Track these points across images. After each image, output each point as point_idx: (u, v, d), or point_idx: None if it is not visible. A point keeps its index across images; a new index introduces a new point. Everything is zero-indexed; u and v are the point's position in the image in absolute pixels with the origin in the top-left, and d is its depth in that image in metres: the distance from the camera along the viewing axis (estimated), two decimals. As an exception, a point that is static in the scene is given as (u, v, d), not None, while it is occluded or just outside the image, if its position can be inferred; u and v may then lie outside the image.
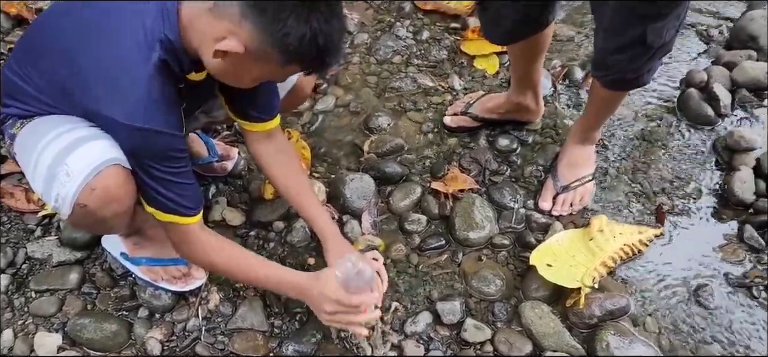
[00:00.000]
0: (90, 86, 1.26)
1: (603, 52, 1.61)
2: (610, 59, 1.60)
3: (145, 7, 1.24)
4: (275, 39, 1.17)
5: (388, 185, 1.98)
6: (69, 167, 1.26)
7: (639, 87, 1.73)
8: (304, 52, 1.20)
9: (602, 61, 1.64)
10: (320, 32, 1.18)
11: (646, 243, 1.81)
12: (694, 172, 2.03)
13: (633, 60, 1.58)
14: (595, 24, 1.63)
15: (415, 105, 2.26)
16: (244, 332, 1.63)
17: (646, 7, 1.45)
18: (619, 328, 1.61)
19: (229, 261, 1.49)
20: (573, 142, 1.94)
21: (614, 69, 1.62)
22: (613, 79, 1.67)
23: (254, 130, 1.62)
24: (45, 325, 1.64)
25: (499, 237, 1.84)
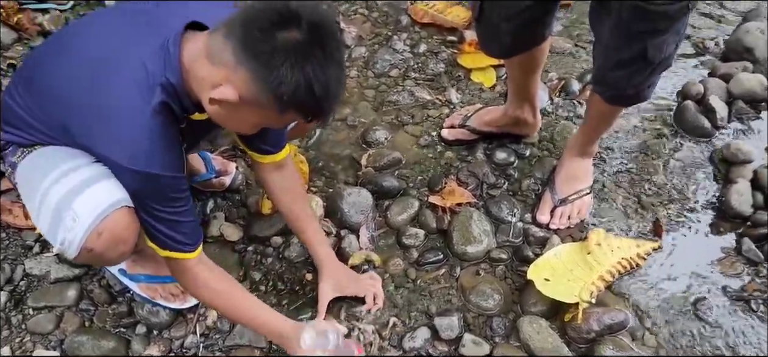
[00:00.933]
0: (91, 130, 1.25)
1: (603, 68, 1.62)
2: (610, 75, 1.61)
3: (146, 46, 1.23)
4: (269, 87, 1.14)
5: (385, 199, 1.98)
6: (75, 212, 1.25)
7: (639, 102, 1.74)
8: (300, 101, 1.16)
9: (602, 77, 1.64)
10: (316, 80, 1.14)
11: (644, 257, 1.81)
12: (691, 184, 2.04)
13: (633, 75, 1.58)
14: (595, 40, 1.64)
15: (413, 118, 2.27)
16: (241, 348, 1.63)
17: (646, 24, 1.45)
18: (618, 342, 1.61)
19: (221, 297, 1.48)
20: (570, 155, 1.95)
21: (615, 85, 1.63)
22: (613, 94, 1.67)
23: (264, 162, 1.63)
24: (43, 343, 1.63)
25: (496, 251, 1.84)
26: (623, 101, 1.71)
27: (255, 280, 1.77)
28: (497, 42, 1.77)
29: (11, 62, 2.28)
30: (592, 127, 1.87)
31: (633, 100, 1.71)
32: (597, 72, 1.66)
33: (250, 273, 1.79)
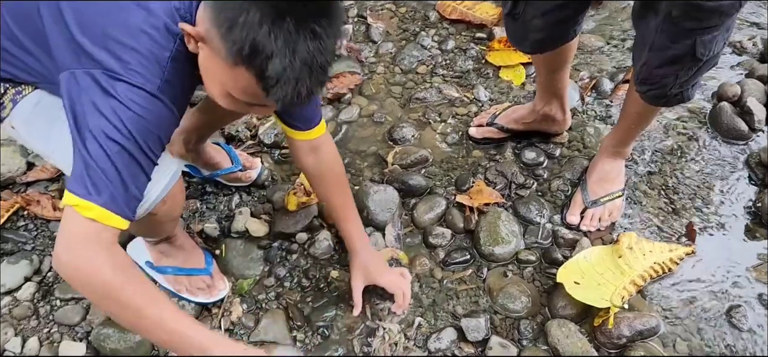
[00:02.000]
0: (108, 43, 1.13)
1: (648, 67, 1.56)
2: (655, 73, 1.55)
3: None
4: (221, 24, 1.04)
5: (412, 198, 1.96)
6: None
7: (682, 102, 1.67)
8: (252, 59, 1.03)
9: (647, 76, 1.58)
10: (275, 42, 1.01)
11: (677, 261, 1.77)
12: (726, 188, 1.99)
13: (680, 74, 1.53)
14: (637, 39, 1.59)
15: (440, 116, 2.24)
16: (266, 345, 1.62)
17: (697, 21, 1.41)
18: (649, 348, 1.58)
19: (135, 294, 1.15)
20: (604, 157, 1.91)
21: (660, 83, 1.57)
22: (657, 94, 1.62)
23: (297, 139, 1.54)
24: (70, 334, 1.64)
25: (525, 252, 1.81)
26: (667, 101, 1.65)
27: (279, 276, 1.76)
28: (528, 38, 1.74)
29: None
30: (627, 127, 1.83)
31: (677, 100, 1.65)
32: (640, 71, 1.60)
33: (275, 269, 1.78)
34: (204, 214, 1.92)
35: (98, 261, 1.10)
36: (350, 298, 1.71)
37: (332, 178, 1.63)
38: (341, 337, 1.64)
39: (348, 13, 2.71)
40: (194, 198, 1.96)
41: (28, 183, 1.96)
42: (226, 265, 1.78)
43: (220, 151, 1.95)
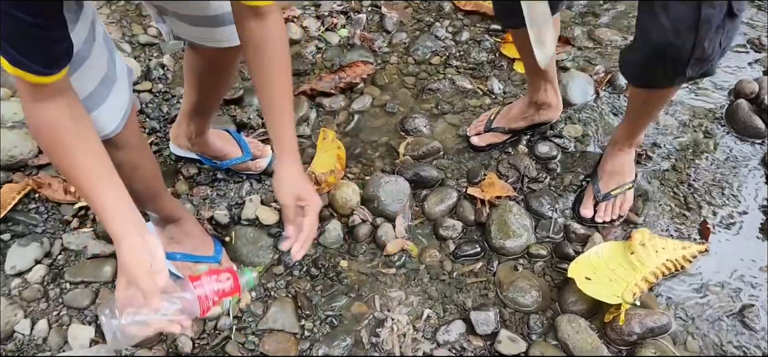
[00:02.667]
0: None
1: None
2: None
3: None
4: None
5: (423, 189, 1.95)
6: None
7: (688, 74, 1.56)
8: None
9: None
10: None
11: (690, 259, 1.75)
12: (742, 186, 1.96)
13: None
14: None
15: (453, 107, 2.23)
16: (274, 333, 1.62)
17: None
18: (660, 346, 1.56)
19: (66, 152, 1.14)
20: (614, 150, 1.88)
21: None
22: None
23: (243, 4, 1.28)
24: (79, 317, 1.64)
25: (536, 247, 1.79)
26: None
27: (289, 264, 1.76)
28: (514, 13, 1.60)
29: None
30: (632, 118, 1.80)
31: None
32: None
33: (284, 258, 1.77)
34: (214, 201, 1.91)
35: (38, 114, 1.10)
36: (360, 288, 1.71)
37: (274, 52, 1.34)
38: (349, 327, 1.63)
39: (362, 2, 2.69)
40: (204, 185, 1.95)
41: (39, 166, 1.96)
42: (235, 252, 1.77)
43: (229, 141, 1.95)
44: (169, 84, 2.30)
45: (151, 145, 2.03)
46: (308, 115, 2.18)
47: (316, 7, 2.68)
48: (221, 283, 1.24)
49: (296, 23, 2.58)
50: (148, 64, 2.35)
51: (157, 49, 2.44)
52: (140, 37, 2.46)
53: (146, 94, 2.24)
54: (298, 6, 2.67)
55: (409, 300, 1.69)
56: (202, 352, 1.59)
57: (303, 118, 2.16)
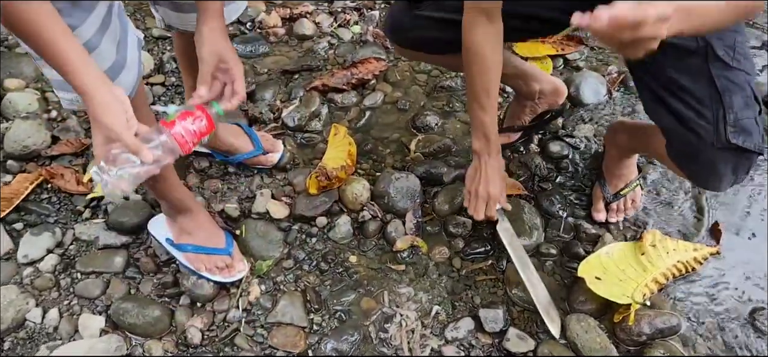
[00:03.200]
0: None
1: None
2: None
3: None
4: None
5: (433, 186, 1.95)
6: None
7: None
8: None
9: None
10: None
11: (701, 261, 1.74)
12: (755, 189, 1.95)
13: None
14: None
15: (465, 105, 2.22)
16: (283, 327, 1.62)
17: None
18: (669, 347, 1.55)
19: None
20: (614, 153, 1.86)
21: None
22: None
23: None
24: (89, 307, 1.65)
25: (546, 246, 1.79)
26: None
27: (298, 259, 1.76)
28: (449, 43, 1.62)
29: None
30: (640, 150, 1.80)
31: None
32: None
33: (294, 252, 1.78)
34: (225, 195, 1.92)
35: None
36: (369, 283, 1.71)
37: None
38: (358, 322, 1.63)
39: (375, 0, 2.70)
40: (216, 178, 1.96)
41: (52, 156, 1.98)
42: (245, 245, 1.78)
43: (241, 135, 1.95)
44: (181, 77, 2.31)
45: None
46: (320, 111, 2.19)
47: (330, 4, 2.69)
48: (195, 121, 1.28)
49: (309, 19, 2.59)
50: (161, 57, 2.36)
51: (170, 43, 2.45)
52: (153, 30, 2.48)
53: (159, 87, 2.26)
54: (312, 2, 2.68)
55: (418, 296, 1.69)
56: (211, 344, 1.59)
57: (315, 114, 2.17)
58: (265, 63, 2.42)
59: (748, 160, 1.43)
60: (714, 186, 1.52)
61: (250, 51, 2.46)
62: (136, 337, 1.60)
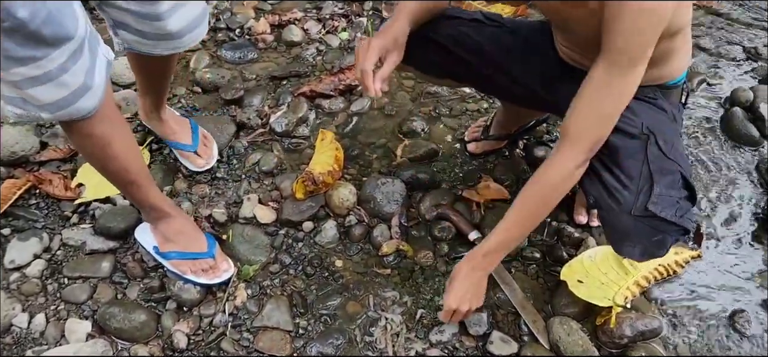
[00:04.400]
0: None
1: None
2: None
3: None
4: None
5: (419, 191, 1.97)
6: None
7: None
8: None
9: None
10: None
11: (682, 264, 1.77)
12: (736, 193, 1.98)
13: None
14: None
15: (451, 111, 2.25)
16: (269, 331, 1.63)
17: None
18: (650, 350, 1.57)
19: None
20: None
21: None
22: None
23: None
24: (76, 312, 1.66)
25: (529, 250, 1.81)
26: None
27: (285, 263, 1.78)
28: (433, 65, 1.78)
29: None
30: None
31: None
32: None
33: (280, 256, 1.79)
34: (213, 199, 1.93)
35: None
36: (354, 287, 1.73)
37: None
38: (343, 326, 1.65)
39: (363, 6, 2.72)
40: (204, 183, 1.97)
41: (40, 162, 1.98)
42: (232, 250, 1.79)
43: (185, 128, 2.00)
44: (170, 83, 2.32)
45: (148, 145, 2.05)
46: (307, 116, 2.21)
47: (318, 10, 2.70)
48: None
49: (298, 26, 2.61)
50: (149, 63, 2.37)
51: (158, 49, 2.46)
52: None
53: (147, 93, 2.27)
54: (300, 8, 2.70)
55: (403, 300, 1.70)
56: (198, 348, 1.60)
57: (302, 119, 2.19)
58: (253, 69, 2.44)
59: (664, 233, 1.43)
60: (629, 253, 1.51)
61: (238, 57, 2.48)
62: (123, 341, 1.61)
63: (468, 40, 1.68)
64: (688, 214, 1.43)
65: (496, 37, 1.70)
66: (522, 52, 1.68)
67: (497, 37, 1.70)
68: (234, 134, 2.14)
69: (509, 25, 1.73)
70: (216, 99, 2.28)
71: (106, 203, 1.88)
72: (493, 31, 1.71)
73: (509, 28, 1.72)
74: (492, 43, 1.69)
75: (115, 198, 1.89)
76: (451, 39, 1.67)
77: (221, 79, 2.33)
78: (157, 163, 2.01)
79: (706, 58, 2.50)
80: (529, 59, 1.67)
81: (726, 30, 2.63)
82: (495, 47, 1.69)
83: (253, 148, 2.10)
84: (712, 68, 2.45)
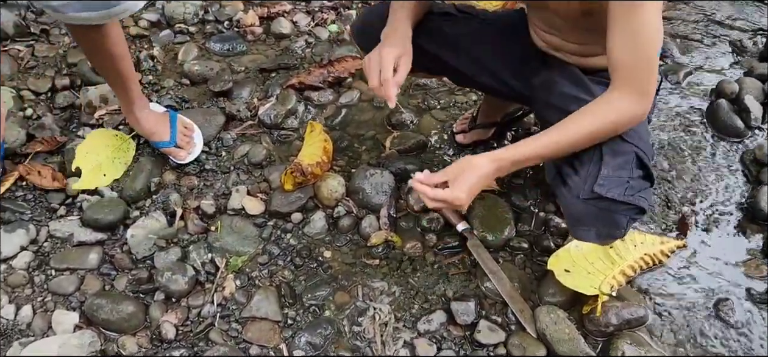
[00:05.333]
0: None
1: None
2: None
3: None
4: None
5: (408, 182, 1.97)
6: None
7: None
8: None
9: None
10: None
11: (668, 254, 1.78)
12: (720, 184, 2.00)
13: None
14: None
15: (440, 103, 2.25)
16: (257, 321, 1.64)
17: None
18: (636, 338, 1.59)
19: None
20: None
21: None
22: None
23: None
24: (63, 304, 1.66)
25: (517, 240, 1.82)
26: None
27: (273, 254, 1.78)
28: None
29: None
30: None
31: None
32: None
33: (269, 247, 1.79)
34: (201, 191, 1.93)
35: None
36: (343, 278, 1.73)
37: None
38: (332, 316, 1.65)
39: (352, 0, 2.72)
40: (192, 175, 1.97)
41: (27, 154, 1.97)
42: (220, 241, 1.79)
43: (162, 123, 2.00)
44: (158, 75, 2.32)
45: (134, 135, 2.04)
46: (296, 108, 2.21)
47: (307, 3, 2.70)
48: None
49: (287, 18, 2.61)
50: (138, 55, 2.36)
51: (147, 41, 2.46)
52: (131, 28, 2.48)
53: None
54: (289, 1, 2.69)
55: (392, 290, 1.71)
56: (186, 339, 1.60)
57: (291, 111, 2.19)
58: (242, 61, 2.43)
59: (615, 213, 1.43)
60: (585, 237, 1.52)
61: (227, 49, 2.47)
62: (111, 332, 1.61)
63: (440, 36, 1.68)
64: (643, 193, 1.44)
65: (470, 30, 1.70)
66: (497, 44, 1.69)
67: (471, 31, 1.70)
68: (223, 126, 2.13)
69: (482, 17, 1.74)
70: (205, 91, 2.27)
71: (94, 195, 1.88)
72: (466, 24, 1.71)
73: (482, 20, 1.72)
74: (466, 37, 1.70)
75: (103, 189, 1.88)
76: (424, 35, 1.66)
77: (210, 72, 2.32)
78: (145, 155, 2.01)
79: (693, 50, 2.52)
80: (504, 51, 1.68)
81: (712, 23, 2.65)
82: (469, 41, 1.69)
83: (242, 140, 2.10)
84: (698, 61, 2.47)
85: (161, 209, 1.87)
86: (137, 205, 1.89)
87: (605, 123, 1.36)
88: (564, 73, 1.54)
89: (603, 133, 1.38)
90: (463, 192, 1.40)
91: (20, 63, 2.31)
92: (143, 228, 1.80)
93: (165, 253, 1.75)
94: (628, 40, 1.29)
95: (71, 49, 2.37)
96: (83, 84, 2.23)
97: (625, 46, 1.30)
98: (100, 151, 1.97)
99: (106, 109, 2.13)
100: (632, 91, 1.33)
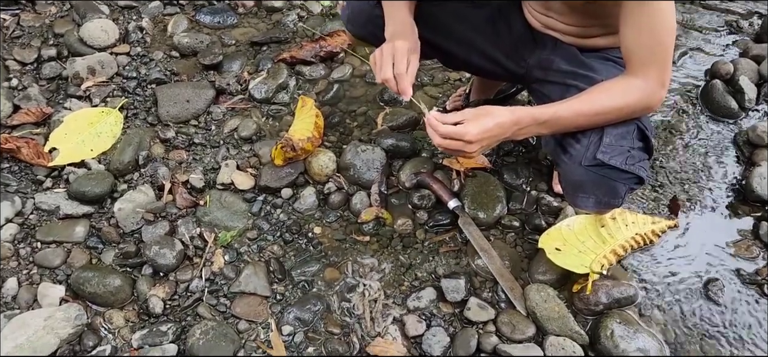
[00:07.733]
0: None
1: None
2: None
3: None
4: None
5: (399, 159, 1.96)
6: None
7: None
8: None
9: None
10: None
11: (659, 234, 1.78)
12: (713, 165, 1.99)
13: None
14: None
15: (433, 79, 2.23)
16: (246, 296, 1.62)
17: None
18: (625, 316, 1.59)
19: None
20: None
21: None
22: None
23: None
24: (49, 277, 1.64)
25: (508, 218, 1.81)
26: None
27: (263, 229, 1.76)
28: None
29: None
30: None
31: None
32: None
33: (258, 222, 1.78)
34: (190, 165, 1.91)
35: None
36: (333, 254, 1.72)
37: None
38: (321, 292, 1.64)
39: (344, -27, 2.68)
40: (181, 149, 1.95)
41: (13, 126, 1.94)
42: (209, 216, 1.77)
43: None
44: (147, 47, 2.29)
45: (126, 108, 2.01)
46: (287, 83, 2.18)
47: (299, -24, 2.67)
48: None
49: (278, -9, 2.57)
50: (126, 26, 2.33)
51: (135, 12, 2.42)
52: (119, 0, 2.44)
53: (124, 56, 2.23)
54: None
55: (382, 267, 1.70)
56: (173, 313, 1.59)
57: (282, 86, 2.16)
58: (233, 34, 2.40)
59: (615, 181, 1.43)
60: (583, 204, 1.52)
61: (218, 22, 2.44)
62: (97, 306, 1.59)
63: (432, 20, 1.66)
64: (642, 163, 1.44)
65: (462, 13, 1.68)
66: (490, 26, 1.67)
67: (463, 13, 1.68)
68: (212, 99, 2.11)
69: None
70: (194, 64, 2.24)
71: (81, 168, 1.85)
72: (458, 6, 1.68)
73: (473, 2, 1.70)
74: (458, 20, 1.67)
75: (90, 162, 1.86)
76: (417, 20, 1.62)
77: (200, 44, 2.29)
78: (133, 127, 1.98)
79: (689, 30, 2.50)
80: (497, 32, 1.66)
81: (708, 4, 2.63)
82: (462, 24, 1.67)
83: (232, 114, 2.08)
84: (693, 41, 2.45)
85: (149, 183, 1.85)
86: (125, 178, 1.86)
87: (628, 103, 1.37)
88: (559, 51, 1.53)
89: (619, 115, 1.39)
90: (475, 128, 1.34)
91: (6, 32, 2.27)
92: (131, 201, 1.78)
93: (153, 227, 1.73)
94: (646, 31, 1.30)
95: (58, 19, 2.34)
96: (70, 54, 2.19)
97: (642, 37, 1.30)
98: (83, 130, 1.94)
99: (93, 81, 2.10)
100: (652, 78, 1.34)
